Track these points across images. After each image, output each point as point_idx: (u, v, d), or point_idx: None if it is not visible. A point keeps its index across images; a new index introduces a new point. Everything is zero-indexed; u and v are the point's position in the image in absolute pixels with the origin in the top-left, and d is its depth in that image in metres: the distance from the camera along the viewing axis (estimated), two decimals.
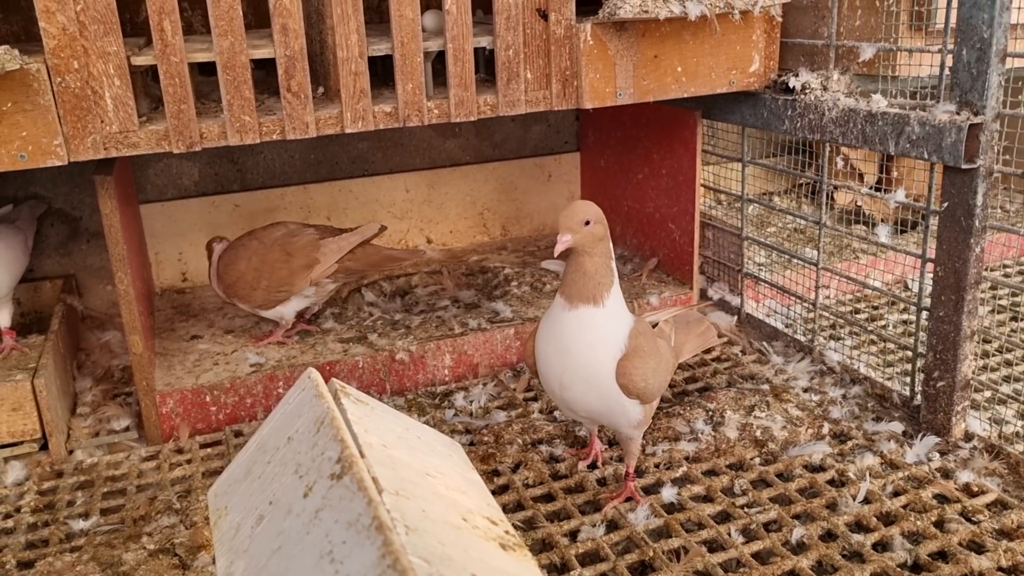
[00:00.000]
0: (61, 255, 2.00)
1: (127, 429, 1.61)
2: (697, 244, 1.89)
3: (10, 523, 1.33)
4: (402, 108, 1.41)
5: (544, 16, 1.45)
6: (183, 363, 1.67)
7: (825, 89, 1.52)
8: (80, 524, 1.31)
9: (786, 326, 1.86)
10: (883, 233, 1.58)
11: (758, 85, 1.61)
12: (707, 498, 1.31)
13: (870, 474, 1.33)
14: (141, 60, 1.27)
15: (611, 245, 1.22)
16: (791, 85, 1.55)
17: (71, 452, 1.53)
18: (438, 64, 1.51)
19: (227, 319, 1.88)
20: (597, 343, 1.19)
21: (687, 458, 1.41)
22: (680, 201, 1.90)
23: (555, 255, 1.17)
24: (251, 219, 2.07)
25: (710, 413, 1.50)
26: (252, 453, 0.81)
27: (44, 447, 1.50)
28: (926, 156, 1.32)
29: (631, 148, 2.07)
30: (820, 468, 1.38)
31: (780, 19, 1.57)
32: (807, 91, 1.53)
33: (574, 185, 2.37)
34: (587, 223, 1.18)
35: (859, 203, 2.30)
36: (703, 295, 2.00)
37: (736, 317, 1.93)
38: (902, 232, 2.22)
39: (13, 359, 1.55)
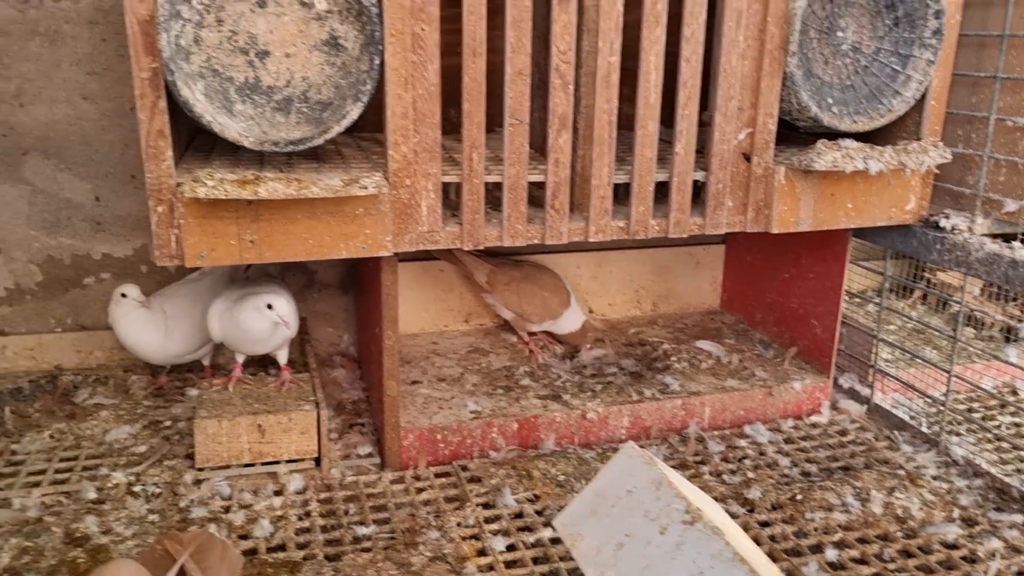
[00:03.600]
0: (298, 300, 2.40)
1: (369, 455, 1.98)
2: (837, 340, 2.21)
3: (306, 523, 1.70)
4: (633, 224, 1.77)
5: (748, 159, 1.80)
6: (414, 404, 2.03)
7: (971, 231, 1.84)
8: (363, 530, 1.67)
9: (911, 418, 2.16)
10: (1012, 354, 1.88)
11: (912, 220, 1.94)
12: (863, 560, 1.62)
13: (997, 555, 1.63)
14: (449, 179, 1.65)
15: None
16: (942, 224, 1.87)
17: (329, 471, 1.90)
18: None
19: (435, 368, 2.26)
20: None
21: (840, 526, 1.72)
22: (825, 303, 2.22)
23: None
24: (451, 282, 2.45)
25: (857, 490, 1.81)
26: (591, 498, 1.16)
27: (316, 465, 1.88)
28: None
29: (780, 250, 2.40)
30: (954, 546, 1.67)
31: (936, 170, 1.90)
32: (956, 231, 1.85)
33: (717, 272, 2.71)
34: None
35: (974, 313, 2.59)
36: (834, 383, 2.31)
37: (866, 406, 2.23)
38: (1007, 340, 2.51)
39: (294, 391, 1.94)
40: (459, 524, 1.70)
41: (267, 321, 1.83)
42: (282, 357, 2.00)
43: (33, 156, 2.12)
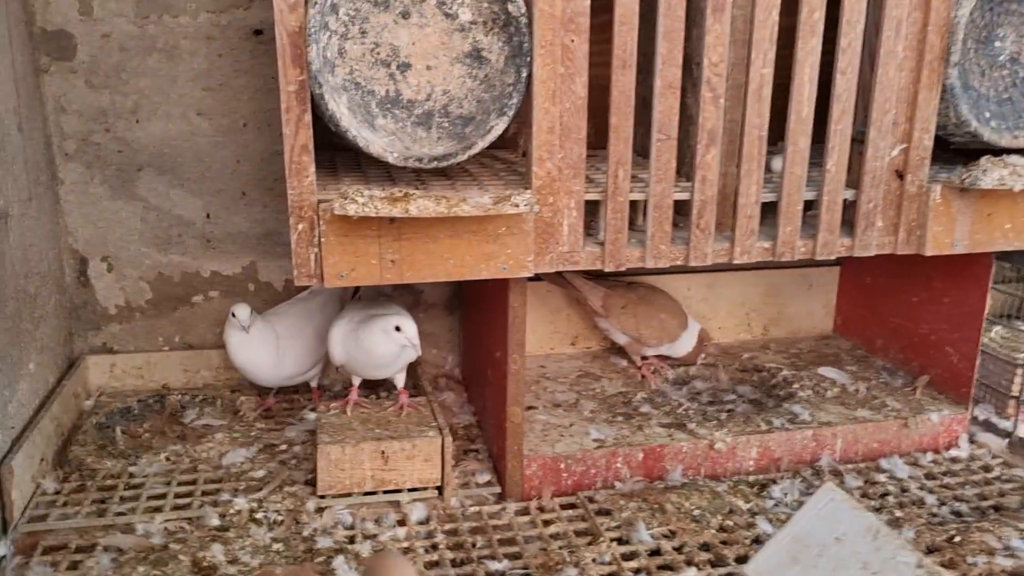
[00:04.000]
0: None
1: (488, 483, 1.89)
2: (977, 369, 2.07)
3: (435, 556, 1.62)
4: (779, 246, 1.67)
5: (901, 176, 1.69)
6: (532, 431, 1.94)
7: None
8: (495, 565, 1.58)
9: None
10: None
11: None
12: None
13: None
14: (592, 196, 1.57)
15: None
16: None
17: (450, 500, 1.82)
18: None
19: (547, 392, 2.17)
20: None
21: (1006, 572, 1.59)
22: (963, 329, 2.09)
23: None
24: (557, 304, 2.37)
25: (1021, 532, 1.67)
26: (790, 544, 1.06)
27: (438, 493, 1.80)
28: None
29: (906, 272, 2.27)
30: None
31: None
32: None
33: (831, 294, 2.59)
34: None
35: None
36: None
37: (1007, 440, 2.09)
38: None
39: (413, 417, 1.87)
40: (595, 560, 1.61)
41: (395, 344, 1.76)
42: (400, 380, 1.93)
43: (147, 172, 2.10)
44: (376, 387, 2.15)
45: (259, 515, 1.69)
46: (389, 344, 1.76)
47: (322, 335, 2.09)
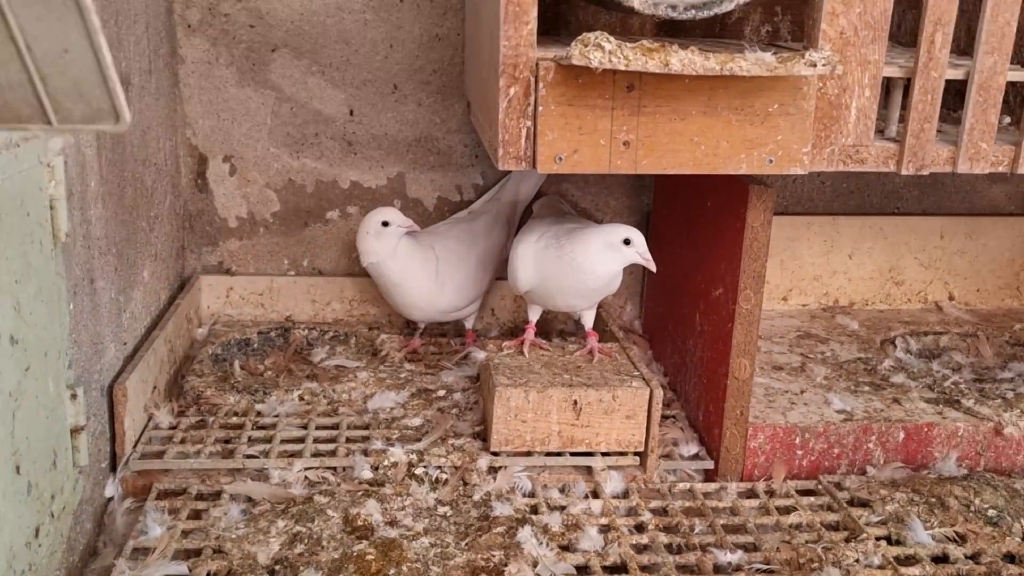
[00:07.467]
0: None
1: (696, 457, 1.67)
2: None
3: (643, 539, 1.41)
4: None
5: None
6: (754, 396, 1.71)
7: None
8: (725, 556, 1.36)
9: None
10: None
11: None
12: None
13: None
14: (893, 72, 1.33)
15: None
16: None
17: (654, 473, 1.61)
18: None
19: (762, 353, 1.93)
20: None
21: None
22: None
23: None
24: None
25: None
26: None
27: (638, 462, 1.59)
28: None
29: None
30: None
31: None
32: None
33: None
34: None
35: None
36: None
37: None
38: None
39: (607, 365, 1.66)
40: (859, 561, 1.37)
41: (621, 261, 1.55)
42: (589, 319, 1.73)
43: (282, 54, 1.95)
44: (546, 333, 1.97)
45: (419, 471, 1.52)
46: (612, 262, 1.55)
47: (486, 264, 1.92)
